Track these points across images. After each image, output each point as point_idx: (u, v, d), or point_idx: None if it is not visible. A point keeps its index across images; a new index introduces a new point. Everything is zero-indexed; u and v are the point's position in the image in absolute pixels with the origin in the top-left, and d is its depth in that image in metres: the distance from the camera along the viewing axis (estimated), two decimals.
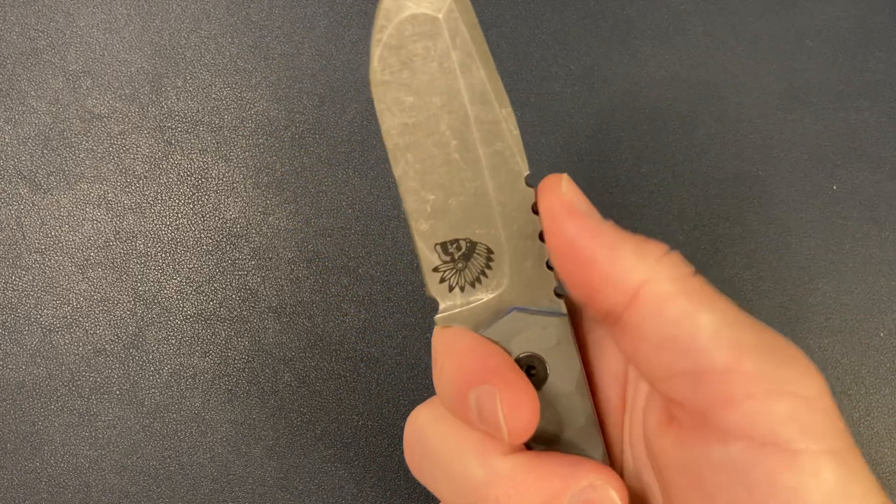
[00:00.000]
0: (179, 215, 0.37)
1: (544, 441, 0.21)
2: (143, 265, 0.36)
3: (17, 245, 0.36)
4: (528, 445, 0.21)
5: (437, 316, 0.22)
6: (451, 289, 0.21)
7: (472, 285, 0.21)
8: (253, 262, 0.36)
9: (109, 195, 0.37)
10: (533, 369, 0.21)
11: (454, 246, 0.21)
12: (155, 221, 0.37)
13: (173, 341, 0.36)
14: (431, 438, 0.21)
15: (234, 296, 0.36)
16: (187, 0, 0.38)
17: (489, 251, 0.21)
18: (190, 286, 0.36)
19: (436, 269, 0.21)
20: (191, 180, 0.37)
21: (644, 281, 0.18)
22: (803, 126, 0.38)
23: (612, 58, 0.38)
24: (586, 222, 0.19)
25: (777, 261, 0.37)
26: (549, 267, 0.21)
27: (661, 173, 0.38)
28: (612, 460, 0.22)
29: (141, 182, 0.37)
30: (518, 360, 0.21)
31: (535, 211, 0.21)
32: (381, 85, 0.20)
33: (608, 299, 0.19)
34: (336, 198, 0.37)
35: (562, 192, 0.20)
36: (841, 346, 0.37)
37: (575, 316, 0.22)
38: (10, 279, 0.36)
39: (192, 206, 0.37)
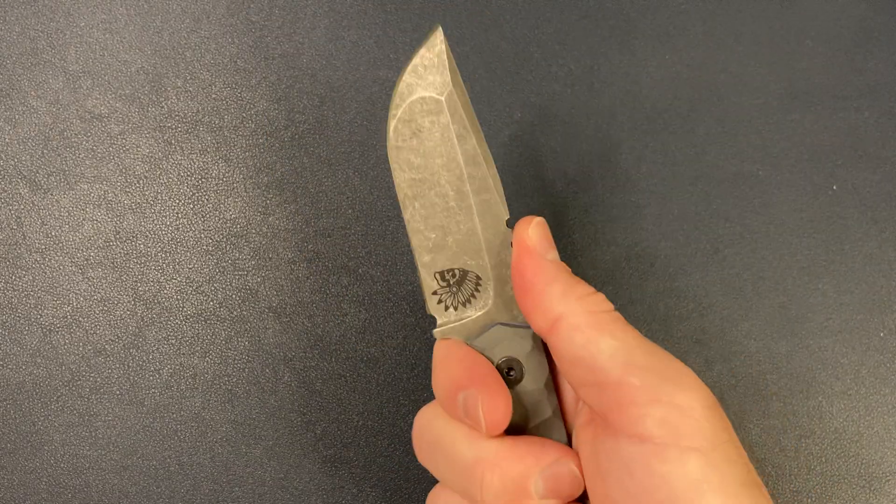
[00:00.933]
0: (179, 215, 0.37)
1: (520, 429, 0.26)
2: (143, 265, 0.36)
3: (18, 245, 0.36)
4: (507, 433, 0.26)
5: (436, 330, 0.27)
6: (446, 308, 0.27)
7: (464, 305, 0.27)
8: (253, 262, 0.37)
9: (109, 195, 0.37)
10: (511, 371, 0.26)
11: (450, 274, 0.27)
12: (155, 221, 0.37)
13: (173, 341, 0.36)
14: (433, 431, 0.26)
15: (234, 296, 0.36)
16: (187, 0, 0.38)
17: (478, 278, 0.26)
18: (190, 286, 0.36)
19: (434, 293, 0.27)
20: (191, 180, 0.37)
21: (562, 314, 0.24)
22: (803, 126, 0.38)
23: (612, 58, 0.38)
24: (536, 261, 0.25)
25: (777, 261, 0.37)
26: None
27: (661, 173, 0.38)
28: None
29: (141, 182, 0.37)
30: (499, 364, 0.26)
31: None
32: (395, 149, 0.26)
33: (536, 323, 0.25)
34: (336, 198, 0.37)
35: (527, 233, 0.25)
36: (841, 346, 0.37)
37: None
38: (11, 279, 0.36)
39: (192, 206, 0.37)
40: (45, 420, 0.35)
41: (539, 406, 0.26)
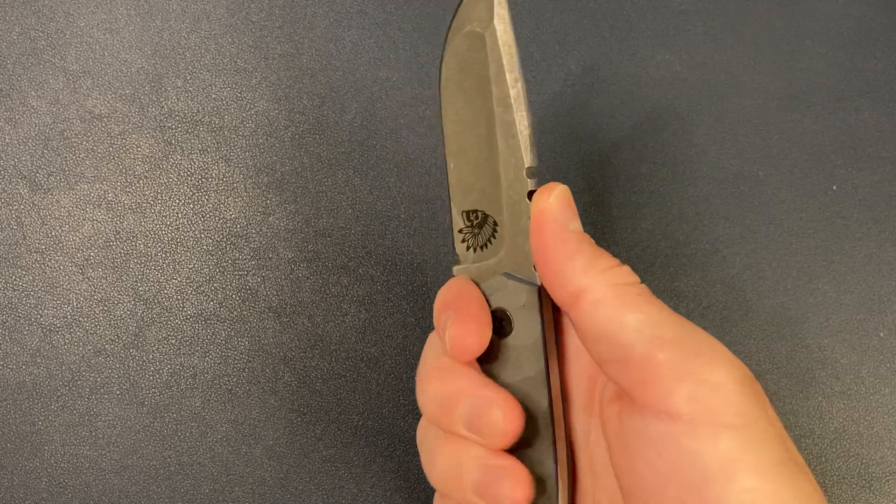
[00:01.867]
0: (179, 215, 0.37)
1: (501, 384, 0.26)
2: (143, 265, 0.36)
3: (18, 245, 0.36)
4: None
5: (455, 267, 0.27)
6: (468, 248, 0.27)
7: (483, 248, 0.27)
8: (253, 262, 0.37)
9: (109, 195, 0.37)
10: (502, 322, 0.26)
11: (474, 215, 0.27)
12: (155, 221, 0.37)
13: (173, 341, 0.36)
14: (425, 350, 0.27)
15: (234, 296, 0.36)
16: (187, 0, 0.38)
17: (495, 223, 0.26)
18: (190, 286, 0.36)
19: (460, 231, 0.27)
20: (191, 180, 0.37)
21: (584, 288, 0.23)
22: (803, 126, 0.38)
23: (612, 58, 0.38)
24: (558, 231, 0.24)
25: (777, 261, 0.37)
26: None
27: (661, 173, 0.38)
28: (566, 426, 0.27)
29: (141, 182, 0.37)
30: (494, 311, 0.26)
31: (530, 198, 0.26)
32: (444, 82, 0.26)
33: (557, 296, 0.24)
34: (336, 198, 0.37)
35: (549, 201, 0.24)
36: (841, 346, 0.37)
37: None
38: (11, 279, 0.36)
39: (192, 206, 0.37)
40: (45, 420, 0.35)
41: (523, 365, 0.26)
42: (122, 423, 0.36)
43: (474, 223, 0.27)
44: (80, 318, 0.36)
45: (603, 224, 0.37)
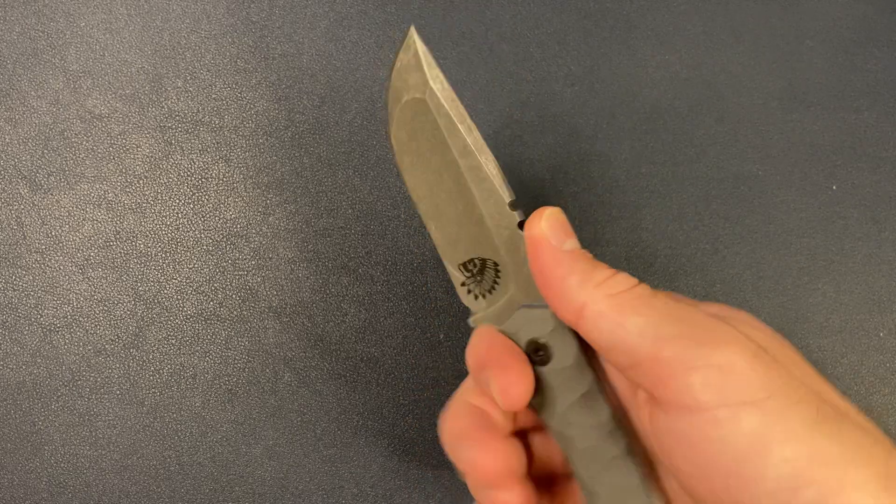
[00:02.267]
0: (180, 215, 0.37)
1: (552, 405, 0.26)
2: (143, 265, 0.36)
3: (18, 245, 0.36)
4: (539, 411, 0.27)
5: (470, 319, 0.28)
6: (476, 297, 0.27)
7: (490, 292, 0.27)
8: (253, 262, 0.37)
9: (110, 195, 0.37)
10: (539, 352, 0.26)
11: (471, 264, 0.27)
12: (155, 221, 0.37)
13: (173, 341, 0.36)
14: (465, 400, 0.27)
15: (234, 296, 0.36)
16: (188, 0, 0.38)
17: (495, 264, 0.27)
18: (190, 286, 0.36)
19: (463, 284, 0.28)
20: (191, 180, 0.37)
21: (584, 303, 0.24)
22: (803, 126, 0.38)
23: (612, 58, 0.38)
24: (550, 254, 0.25)
25: (777, 261, 0.37)
26: None
27: (661, 173, 0.38)
28: (632, 426, 0.27)
29: (141, 182, 0.37)
30: (527, 346, 0.26)
31: (522, 228, 0.26)
32: (398, 154, 0.27)
33: (562, 316, 0.25)
34: (336, 198, 0.37)
35: (540, 227, 0.25)
36: (841, 346, 0.37)
37: None
38: (11, 279, 0.36)
39: (192, 206, 0.37)
40: (46, 420, 0.35)
41: (572, 384, 0.26)
42: (122, 423, 0.36)
43: (474, 272, 0.27)
44: (80, 318, 0.36)
45: (603, 224, 0.37)
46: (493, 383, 0.25)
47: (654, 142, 0.38)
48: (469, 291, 0.27)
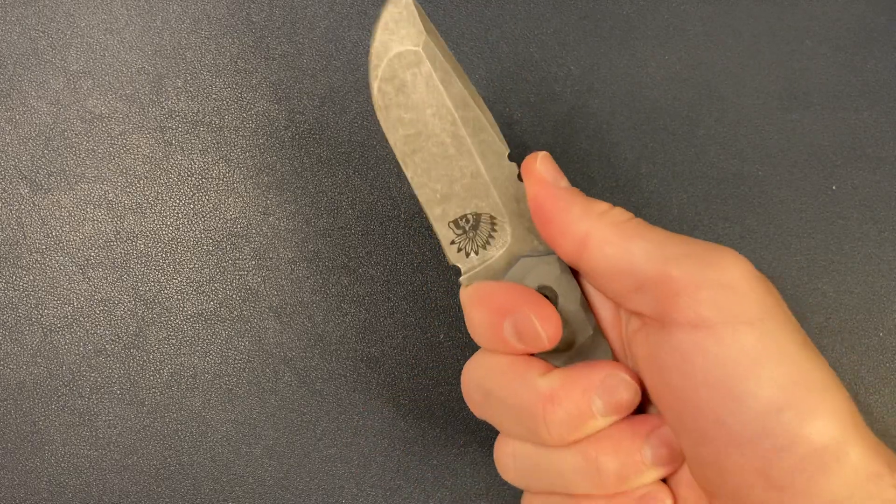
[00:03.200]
0: (180, 215, 0.37)
1: (565, 351, 0.27)
2: (143, 265, 0.36)
3: (18, 245, 0.36)
4: (553, 357, 0.27)
5: (462, 278, 0.27)
6: (467, 254, 0.27)
7: (484, 247, 0.27)
8: (253, 262, 0.37)
9: (110, 195, 0.37)
10: (547, 297, 0.26)
11: (463, 220, 0.27)
12: (155, 221, 0.37)
13: (174, 341, 0.36)
14: (484, 383, 0.26)
15: (234, 296, 0.36)
16: (188, 0, 0.38)
17: (492, 217, 0.27)
18: (190, 286, 0.36)
19: (452, 242, 0.27)
20: (191, 180, 0.37)
21: (587, 232, 0.24)
22: (803, 126, 0.38)
23: (612, 58, 0.38)
24: (550, 189, 0.25)
25: (777, 261, 0.37)
26: None
27: (661, 173, 0.38)
28: (617, 360, 0.27)
29: (141, 182, 0.37)
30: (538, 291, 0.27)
31: (521, 179, 0.27)
32: (383, 109, 0.26)
33: (565, 248, 0.25)
34: (336, 198, 0.37)
35: (536, 167, 0.26)
36: (841, 346, 0.37)
37: None
38: (11, 279, 0.36)
39: (192, 206, 0.37)
40: (46, 420, 0.35)
41: (578, 327, 0.27)
42: (123, 423, 0.36)
43: (466, 228, 0.27)
44: (81, 318, 0.36)
45: None
46: (535, 317, 0.25)
47: (654, 142, 0.38)
48: (459, 249, 0.27)
